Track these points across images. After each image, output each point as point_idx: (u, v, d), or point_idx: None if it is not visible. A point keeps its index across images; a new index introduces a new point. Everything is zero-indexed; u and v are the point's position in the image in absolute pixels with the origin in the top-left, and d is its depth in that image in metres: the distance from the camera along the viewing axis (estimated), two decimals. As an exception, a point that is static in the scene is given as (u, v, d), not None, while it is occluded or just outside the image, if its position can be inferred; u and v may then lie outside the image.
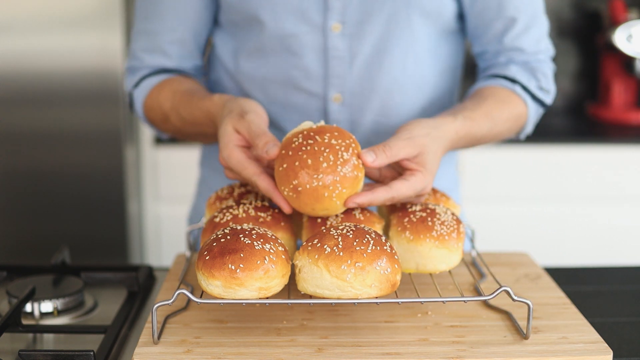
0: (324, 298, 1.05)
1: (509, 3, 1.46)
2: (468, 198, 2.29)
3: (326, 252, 1.04)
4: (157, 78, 1.52)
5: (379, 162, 1.17)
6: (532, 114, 1.50)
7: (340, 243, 1.05)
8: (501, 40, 1.49)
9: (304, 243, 1.09)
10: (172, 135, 1.56)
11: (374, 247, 1.05)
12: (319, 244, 1.06)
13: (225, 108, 1.29)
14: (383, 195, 1.17)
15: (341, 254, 1.04)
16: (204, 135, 1.46)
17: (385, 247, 1.06)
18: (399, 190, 1.18)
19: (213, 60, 1.59)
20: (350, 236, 1.06)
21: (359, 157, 1.16)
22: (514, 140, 1.56)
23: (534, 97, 1.49)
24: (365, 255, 1.04)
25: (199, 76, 1.58)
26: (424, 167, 1.21)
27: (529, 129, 1.53)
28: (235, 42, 1.53)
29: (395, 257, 1.07)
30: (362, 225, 1.10)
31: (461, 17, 1.53)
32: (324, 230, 1.09)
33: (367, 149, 1.18)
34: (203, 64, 1.59)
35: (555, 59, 1.55)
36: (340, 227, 1.08)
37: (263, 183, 1.19)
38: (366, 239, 1.06)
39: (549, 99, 1.52)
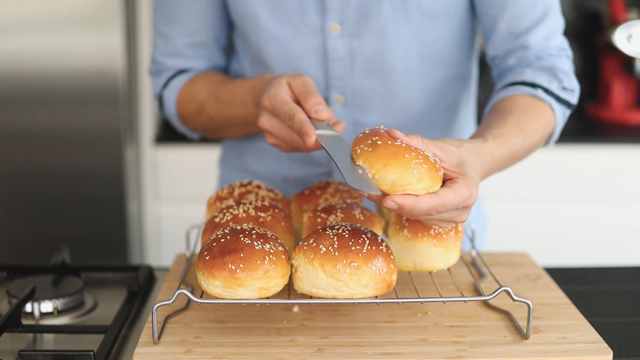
0: (320, 298, 1.05)
1: (513, 2, 1.41)
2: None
3: (321, 251, 1.04)
4: (186, 76, 1.54)
5: (413, 141, 1.08)
6: (560, 118, 1.40)
7: (336, 243, 1.05)
8: (507, 40, 1.44)
9: (301, 242, 1.09)
10: (202, 130, 1.57)
11: (369, 247, 1.05)
12: (315, 244, 1.06)
13: (276, 76, 1.32)
14: (428, 201, 1.03)
15: (336, 253, 1.04)
16: (237, 120, 1.45)
17: (381, 247, 1.06)
18: (446, 197, 1.04)
19: (232, 58, 1.61)
20: (346, 236, 1.06)
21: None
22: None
23: (559, 99, 1.38)
24: (360, 255, 1.04)
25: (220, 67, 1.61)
26: (465, 175, 1.09)
27: (557, 133, 1.43)
28: (242, 44, 1.54)
29: (391, 257, 1.07)
30: (359, 225, 1.10)
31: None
32: (320, 230, 1.09)
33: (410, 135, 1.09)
34: (225, 61, 1.61)
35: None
36: (337, 227, 1.08)
37: (300, 115, 1.19)
38: (362, 239, 1.06)
39: (574, 98, 1.41)
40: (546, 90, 1.37)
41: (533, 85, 1.37)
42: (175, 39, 1.53)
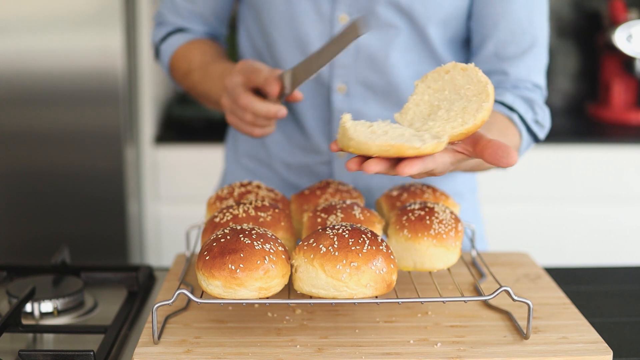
0: (320, 298, 1.05)
1: (505, 25, 1.44)
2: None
3: (322, 251, 1.04)
4: (185, 37, 1.61)
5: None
6: (524, 147, 1.44)
7: (336, 243, 1.05)
8: (491, 60, 1.47)
9: (301, 242, 1.09)
10: (187, 90, 1.64)
11: (369, 247, 1.05)
12: (315, 244, 1.06)
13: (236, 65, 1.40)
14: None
15: (336, 253, 1.04)
16: (212, 97, 1.52)
17: (381, 247, 1.06)
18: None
19: (240, 41, 1.66)
20: (346, 236, 1.06)
21: None
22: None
23: (529, 130, 1.43)
24: (360, 255, 1.04)
25: (221, 42, 1.69)
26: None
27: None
28: (252, 23, 1.57)
29: (391, 257, 1.07)
30: (359, 225, 1.10)
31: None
32: (320, 230, 1.09)
33: None
34: (223, 29, 1.68)
35: (555, 59, 1.53)
36: (337, 227, 1.08)
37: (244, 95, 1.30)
38: (362, 239, 1.06)
39: (542, 133, 1.46)
40: (521, 118, 1.41)
41: (511, 109, 1.41)
42: (179, 4, 1.61)
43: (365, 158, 1.04)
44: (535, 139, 1.46)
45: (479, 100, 1.09)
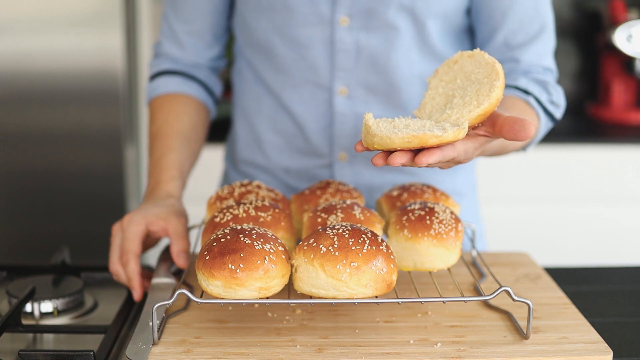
0: (320, 298, 1.05)
1: (513, 15, 1.45)
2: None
3: (322, 251, 1.04)
4: (169, 85, 1.57)
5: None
6: (542, 128, 1.45)
7: (336, 243, 1.05)
8: (501, 50, 1.48)
9: (301, 242, 1.09)
10: None
11: (369, 247, 1.05)
12: (315, 244, 1.06)
13: (168, 196, 1.40)
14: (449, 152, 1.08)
15: (336, 253, 1.04)
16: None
17: (381, 247, 1.06)
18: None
19: (235, 50, 1.64)
20: (346, 236, 1.06)
21: None
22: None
23: (546, 111, 1.45)
24: (360, 255, 1.04)
25: (215, 67, 1.64)
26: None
27: (535, 142, 1.48)
28: (249, 31, 1.55)
29: (391, 257, 1.07)
30: (359, 225, 1.10)
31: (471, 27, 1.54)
32: (320, 230, 1.09)
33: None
34: (222, 52, 1.64)
35: (555, 59, 1.54)
36: (337, 227, 1.08)
37: (133, 265, 1.25)
38: (362, 239, 1.06)
39: (559, 113, 1.48)
40: (536, 100, 1.43)
41: (526, 92, 1.42)
42: (175, 24, 1.58)
43: (390, 153, 1.07)
44: (552, 119, 1.47)
45: (490, 80, 1.13)
